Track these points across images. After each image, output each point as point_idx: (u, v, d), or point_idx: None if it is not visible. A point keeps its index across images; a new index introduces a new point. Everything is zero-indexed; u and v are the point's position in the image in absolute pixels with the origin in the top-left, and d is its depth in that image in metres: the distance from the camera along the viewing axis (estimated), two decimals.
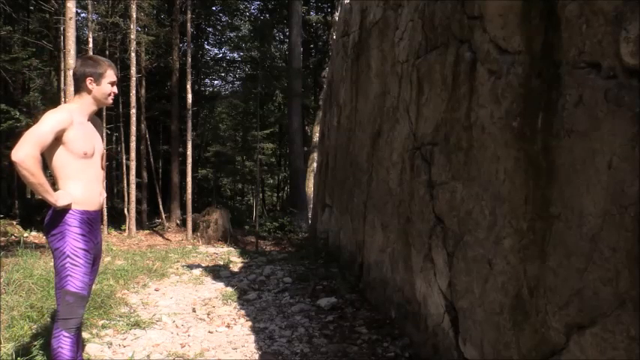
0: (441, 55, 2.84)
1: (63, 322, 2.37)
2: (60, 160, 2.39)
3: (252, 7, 21.85)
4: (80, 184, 2.43)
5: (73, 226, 2.39)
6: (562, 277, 1.70)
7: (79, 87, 2.47)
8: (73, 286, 2.36)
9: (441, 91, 2.82)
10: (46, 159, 2.38)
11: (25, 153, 2.22)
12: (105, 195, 2.68)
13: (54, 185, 2.44)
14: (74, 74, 2.49)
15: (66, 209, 2.38)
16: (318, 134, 12.09)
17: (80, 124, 2.43)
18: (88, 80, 2.44)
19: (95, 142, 2.52)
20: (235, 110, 21.83)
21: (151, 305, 4.31)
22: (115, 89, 2.54)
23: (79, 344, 2.53)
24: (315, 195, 8.16)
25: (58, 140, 2.34)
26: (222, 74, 23.34)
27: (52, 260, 2.49)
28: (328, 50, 15.45)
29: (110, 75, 2.50)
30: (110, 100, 2.55)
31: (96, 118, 2.62)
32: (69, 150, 2.37)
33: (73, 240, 2.38)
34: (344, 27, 5.81)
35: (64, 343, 2.37)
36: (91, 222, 2.47)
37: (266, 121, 21.05)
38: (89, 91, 2.46)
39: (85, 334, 3.42)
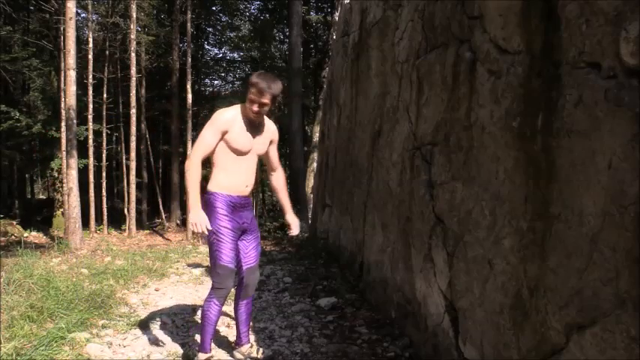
0: (441, 55, 2.84)
1: (215, 290, 2.84)
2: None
3: (252, 7, 21.91)
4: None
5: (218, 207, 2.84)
6: (562, 277, 1.70)
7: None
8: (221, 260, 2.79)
9: (441, 91, 2.83)
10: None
11: None
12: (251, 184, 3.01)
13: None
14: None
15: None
16: (318, 134, 12.09)
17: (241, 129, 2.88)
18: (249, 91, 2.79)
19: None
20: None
21: (150, 305, 4.31)
22: (254, 108, 2.79)
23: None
24: (315, 195, 8.17)
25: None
26: (222, 74, 23.34)
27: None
28: (328, 50, 15.44)
29: (255, 93, 2.77)
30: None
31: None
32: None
33: (216, 220, 2.81)
34: (344, 27, 5.81)
35: (213, 308, 2.86)
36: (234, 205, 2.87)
37: None
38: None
39: (85, 334, 3.42)
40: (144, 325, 3.71)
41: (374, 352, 3.24)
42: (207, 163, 2.85)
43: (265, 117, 2.97)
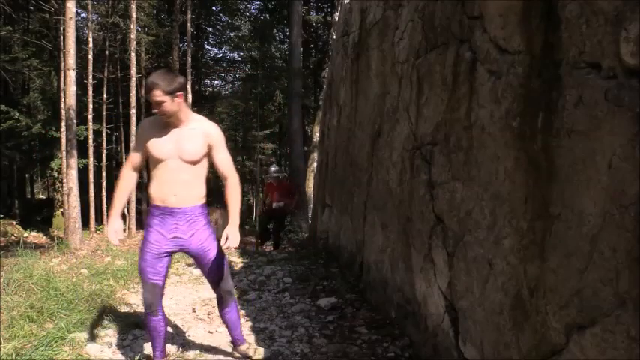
0: (441, 55, 2.84)
1: (144, 300, 2.87)
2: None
3: (252, 7, 21.92)
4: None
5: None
6: (562, 277, 1.70)
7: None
8: None
9: (441, 91, 2.82)
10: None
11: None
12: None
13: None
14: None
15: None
16: (318, 134, 12.08)
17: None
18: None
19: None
20: (235, 110, 21.84)
21: None
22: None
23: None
24: (315, 195, 8.17)
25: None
26: (222, 74, 23.34)
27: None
28: (328, 50, 15.44)
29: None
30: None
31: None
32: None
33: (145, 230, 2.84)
34: (344, 27, 5.81)
35: (148, 319, 2.88)
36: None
37: (266, 121, 21.04)
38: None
39: (85, 334, 3.42)
40: (144, 325, 3.71)
41: (374, 352, 3.24)
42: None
43: (201, 119, 2.82)
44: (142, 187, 16.21)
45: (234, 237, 2.80)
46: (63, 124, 11.59)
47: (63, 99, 11.05)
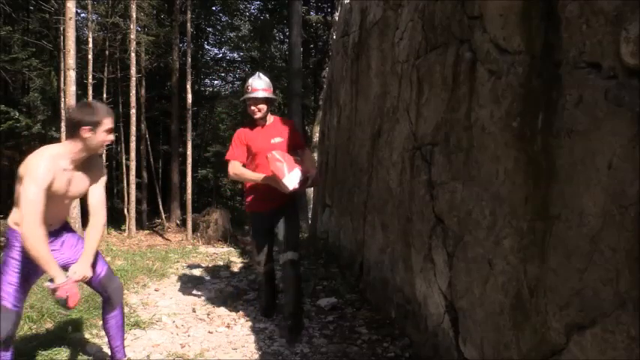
0: (441, 55, 2.84)
1: None
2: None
3: (252, 7, 21.82)
4: None
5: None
6: (562, 278, 1.70)
7: (73, 133, 2.43)
8: None
9: (441, 91, 2.82)
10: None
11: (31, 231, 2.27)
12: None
13: None
14: (69, 119, 2.46)
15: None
16: (318, 134, 12.08)
17: (64, 171, 2.42)
18: (84, 129, 2.41)
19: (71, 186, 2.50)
20: (235, 110, 21.83)
21: (150, 305, 4.30)
22: (111, 137, 2.52)
23: None
24: (315, 195, 8.16)
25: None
26: (222, 74, 23.32)
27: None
28: (328, 50, 15.44)
29: (108, 123, 2.49)
30: (103, 149, 2.56)
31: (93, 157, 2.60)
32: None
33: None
34: (344, 27, 5.81)
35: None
36: None
37: None
38: (83, 139, 2.43)
39: (85, 334, 3.42)
40: (144, 325, 3.71)
41: (374, 352, 3.24)
42: None
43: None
44: (142, 186, 16.22)
45: (81, 270, 2.54)
46: (63, 124, 11.59)
47: (63, 99, 11.04)
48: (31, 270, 2.47)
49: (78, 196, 2.60)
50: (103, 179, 2.71)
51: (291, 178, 3.25)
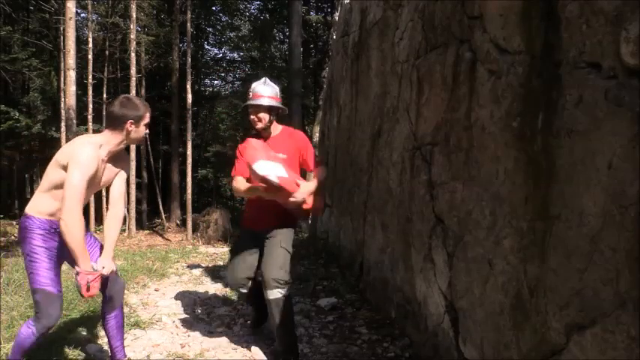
0: (441, 55, 2.84)
1: (38, 320, 2.47)
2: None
3: (252, 7, 21.83)
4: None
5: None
6: (562, 278, 1.70)
7: (116, 126, 2.53)
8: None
9: (441, 91, 2.82)
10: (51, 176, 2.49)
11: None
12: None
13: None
14: (111, 113, 2.54)
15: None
16: (318, 134, 12.08)
17: (102, 161, 2.53)
18: (129, 123, 2.52)
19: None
20: (235, 110, 21.83)
21: (150, 305, 4.30)
22: (147, 130, 2.66)
23: None
24: None
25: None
26: (222, 74, 23.32)
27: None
28: (328, 50, 15.44)
29: (148, 117, 2.62)
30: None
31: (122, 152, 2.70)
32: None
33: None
34: (344, 27, 5.81)
35: (29, 338, 2.47)
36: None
37: None
38: (127, 132, 2.54)
39: (85, 334, 3.42)
40: (144, 325, 3.71)
41: (374, 352, 3.24)
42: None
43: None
44: (142, 186, 16.23)
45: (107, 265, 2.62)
46: (63, 124, 11.60)
47: (63, 99, 11.05)
48: (58, 254, 2.52)
49: (103, 186, 2.66)
50: (127, 173, 2.76)
51: (265, 167, 2.81)
